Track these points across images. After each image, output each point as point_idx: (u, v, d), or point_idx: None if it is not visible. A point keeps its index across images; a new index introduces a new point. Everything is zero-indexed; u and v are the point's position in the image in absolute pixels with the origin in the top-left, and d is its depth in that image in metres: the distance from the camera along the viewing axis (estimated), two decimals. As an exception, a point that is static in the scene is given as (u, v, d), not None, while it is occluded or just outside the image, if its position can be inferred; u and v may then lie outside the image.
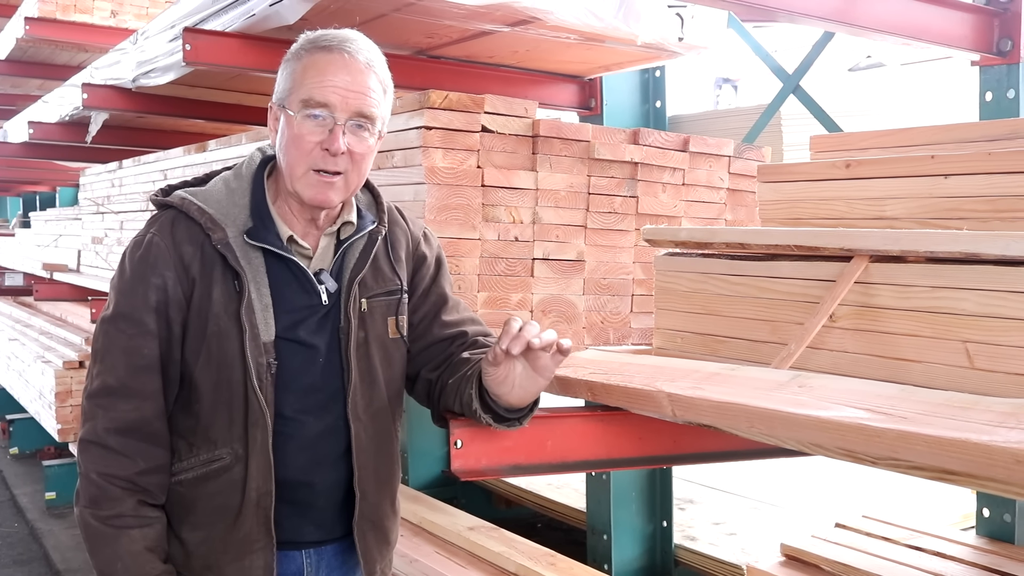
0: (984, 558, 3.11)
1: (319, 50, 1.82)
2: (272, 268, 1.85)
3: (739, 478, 5.39)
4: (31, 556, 6.49)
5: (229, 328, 1.80)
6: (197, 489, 1.85)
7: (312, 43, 1.84)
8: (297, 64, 1.84)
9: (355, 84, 1.80)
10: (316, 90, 1.79)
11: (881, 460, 1.55)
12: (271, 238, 1.85)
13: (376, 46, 1.88)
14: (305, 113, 1.79)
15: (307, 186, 1.82)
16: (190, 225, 1.83)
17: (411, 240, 2.04)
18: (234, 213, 1.85)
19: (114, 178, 5.79)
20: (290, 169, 1.83)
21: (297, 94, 1.81)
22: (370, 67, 1.84)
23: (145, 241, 1.84)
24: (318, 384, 1.89)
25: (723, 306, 2.39)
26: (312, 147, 1.80)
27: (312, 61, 1.82)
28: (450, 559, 3.66)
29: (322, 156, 1.80)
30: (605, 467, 3.26)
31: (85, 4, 6.94)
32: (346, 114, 1.80)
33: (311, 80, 1.80)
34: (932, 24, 3.08)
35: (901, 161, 2.38)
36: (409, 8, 3.17)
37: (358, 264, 1.92)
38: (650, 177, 3.08)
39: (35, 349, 7.77)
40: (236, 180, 1.92)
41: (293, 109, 1.81)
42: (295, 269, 1.87)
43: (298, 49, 1.86)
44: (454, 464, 2.07)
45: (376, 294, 1.94)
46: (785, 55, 5.81)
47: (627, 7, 3.24)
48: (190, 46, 3.41)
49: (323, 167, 1.81)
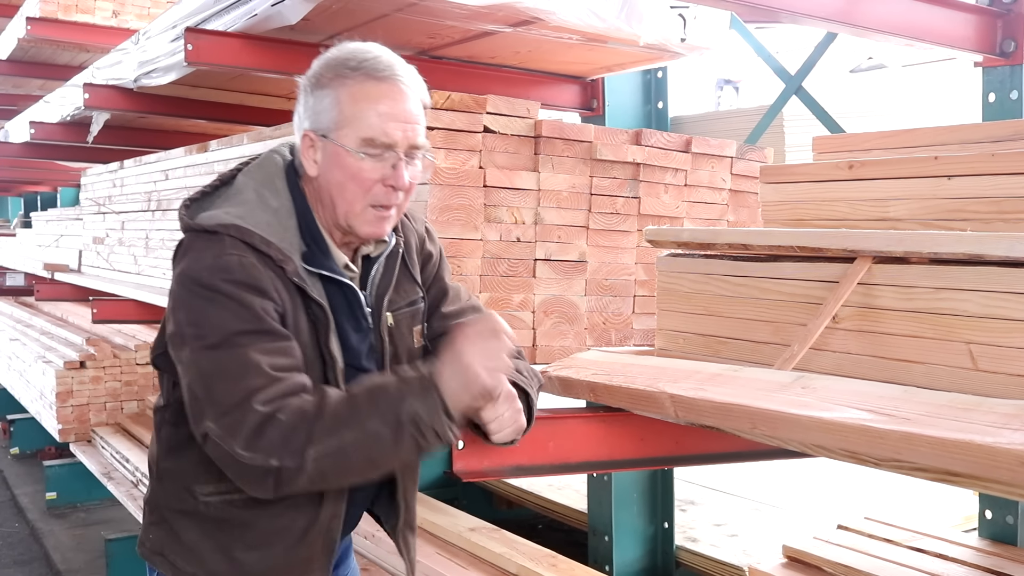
0: (986, 560, 3.11)
1: (369, 79, 1.74)
2: (329, 294, 1.80)
3: (741, 479, 5.39)
4: (32, 556, 6.49)
5: (313, 360, 1.75)
6: (258, 509, 1.80)
7: (357, 69, 1.75)
8: (343, 92, 1.74)
9: (411, 116, 1.75)
10: (378, 129, 1.72)
11: (884, 461, 1.55)
12: (331, 265, 1.80)
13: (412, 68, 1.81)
14: (368, 153, 1.73)
15: (364, 223, 1.77)
16: (258, 254, 1.72)
17: (418, 239, 2.02)
18: (288, 237, 1.77)
19: (115, 178, 5.78)
20: (347, 206, 1.76)
21: (354, 130, 1.73)
22: (416, 93, 1.78)
23: (235, 263, 1.69)
24: None
25: (725, 307, 2.39)
26: (372, 183, 1.74)
27: (363, 92, 1.74)
28: (451, 560, 3.66)
29: (384, 192, 1.75)
30: (607, 468, 3.26)
31: (87, 4, 6.93)
32: (405, 148, 1.75)
33: (367, 114, 1.73)
34: (935, 25, 3.08)
35: (904, 162, 2.38)
36: (411, 8, 3.16)
37: (384, 281, 1.89)
38: (652, 178, 3.08)
39: (36, 349, 7.77)
40: (274, 196, 1.80)
41: (350, 145, 1.73)
42: (348, 295, 1.83)
43: (336, 74, 1.76)
44: (456, 465, 2.07)
45: (400, 307, 1.92)
46: (787, 56, 5.81)
47: (629, 8, 3.24)
48: (192, 46, 3.41)
49: (383, 203, 1.76)
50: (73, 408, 6.98)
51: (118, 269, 5.62)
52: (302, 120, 1.80)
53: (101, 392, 7.05)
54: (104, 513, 7.12)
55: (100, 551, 5.90)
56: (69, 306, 9.11)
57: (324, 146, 1.76)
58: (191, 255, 1.74)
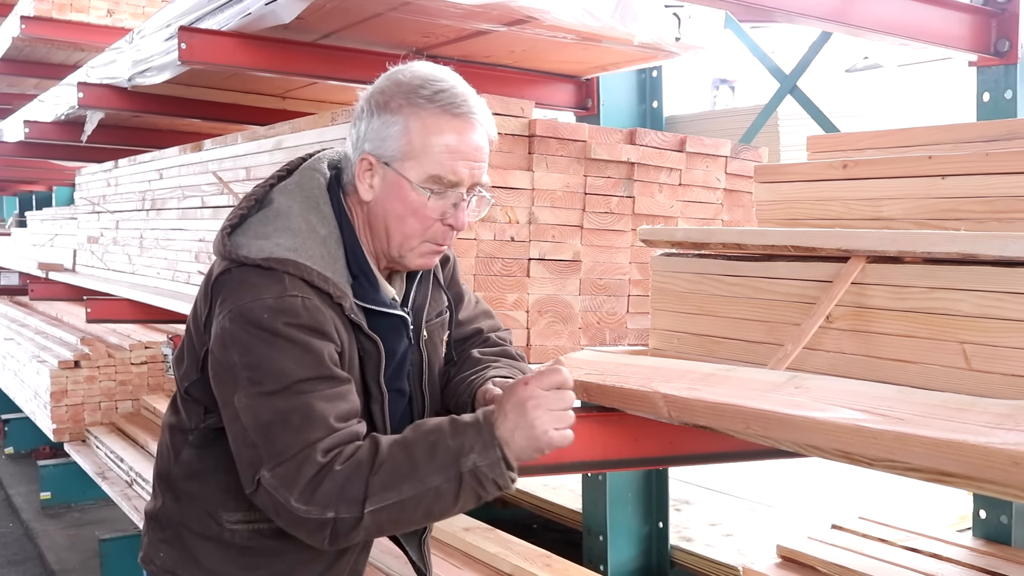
0: (980, 560, 3.11)
1: (444, 114, 1.68)
2: (376, 325, 1.75)
3: (735, 479, 5.39)
4: (26, 556, 6.48)
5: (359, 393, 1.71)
6: (286, 539, 1.75)
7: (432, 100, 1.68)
8: (414, 122, 1.68)
9: (480, 154, 1.71)
10: (448, 167, 1.67)
11: (878, 462, 1.54)
12: (383, 300, 1.77)
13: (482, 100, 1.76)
14: (433, 189, 1.68)
15: (417, 256, 1.75)
16: (317, 292, 1.66)
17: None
18: (339, 269, 1.71)
19: (110, 177, 5.77)
20: (403, 239, 1.72)
21: (422, 165, 1.67)
22: (486, 128, 1.73)
23: (299, 305, 1.63)
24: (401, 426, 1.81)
25: (719, 307, 2.39)
26: (433, 221, 1.70)
27: (436, 125, 1.67)
28: (446, 560, 3.65)
29: (443, 232, 1.72)
30: (601, 468, 3.26)
31: (81, 3, 6.92)
32: (468, 186, 1.71)
33: (438, 151, 1.67)
34: (930, 24, 3.08)
35: (898, 162, 2.38)
36: (405, 7, 3.16)
37: (420, 296, 1.86)
38: (647, 177, 3.08)
39: (31, 349, 7.76)
40: (321, 223, 1.73)
41: (416, 179, 1.68)
42: (396, 322, 1.78)
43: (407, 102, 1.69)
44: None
45: (431, 319, 1.90)
46: (782, 56, 5.81)
47: (624, 7, 3.23)
48: (186, 45, 3.40)
49: (440, 240, 1.73)
50: (67, 408, 6.96)
51: (113, 268, 5.61)
52: (362, 141, 1.73)
53: (95, 392, 7.03)
54: (98, 513, 7.12)
55: (94, 551, 5.90)
56: (64, 305, 9.09)
57: (385, 174, 1.70)
58: (245, 291, 1.64)
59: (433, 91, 1.68)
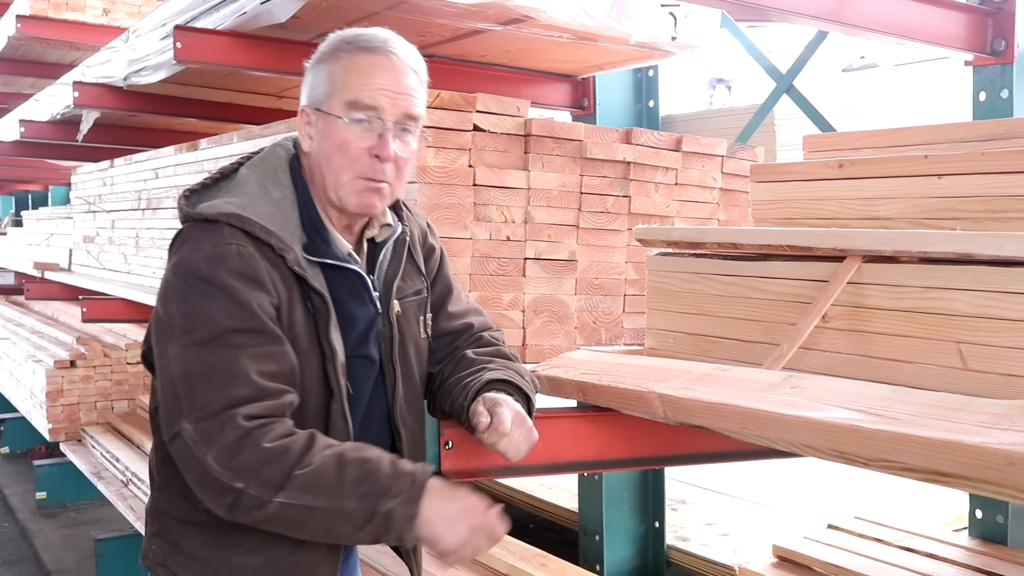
0: (977, 559, 3.11)
1: (360, 51, 1.74)
2: (331, 282, 1.77)
3: (731, 479, 5.39)
4: (21, 556, 6.47)
5: (309, 351, 1.73)
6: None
7: (351, 43, 1.76)
8: (336, 65, 1.75)
9: (402, 86, 1.74)
10: (364, 92, 1.72)
11: (873, 462, 1.54)
12: (334, 253, 1.78)
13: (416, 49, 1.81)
14: (352, 117, 1.72)
15: (352, 194, 1.75)
16: (258, 243, 1.69)
17: (420, 232, 2.01)
18: (290, 228, 1.74)
19: (105, 177, 5.76)
20: (334, 176, 1.75)
21: (341, 96, 1.73)
22: (412, 68, 1.77)
23: (233, 252, 1.66)
24: (372, 395, 1.85)
25: (715, 306, 2.39)
26: (360, 153, 1.73)
27: (354, 63, 1.74)
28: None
29: (370, 163, 1.73)
30: (596, 468, 3.26)
31: (77, 2, 6.90)
32: (393, 117, 1.73)
33: (356, 81, 1.72)
34: (926, 24, 3.08)
35: (894, 161, 2.38)
36: (401, 6, 3.15)
37: (392, 267, 1.87)
38: (643, 177, 3.07)
39: (26, 348, 7.74)
40: (276, 188, 1.78)
41: (337, 112, 1.73)
42: (354, 281, 1.80)
43: (333, 50, 1.77)
44: (444, 465, 2.06)
45: (407, 295, 1.91)
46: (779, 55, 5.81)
47: (620, 6, 3.23)
48: (181, 44, 3.39)
49: (371, 175, 1.74)
50: (63, 407, 6.95)
51: (108, 268, 5.59)
52: (301, 99, 1.81)
53: (91, 391, 7.02)
54: (94, 513, 7.10)
55: (90, 551, 5.88)
56: (59, 305, 9.07)
57: (317, 120, 1.76)
58: (189, 244, 1.70)
59: (354, 36, 1.77)
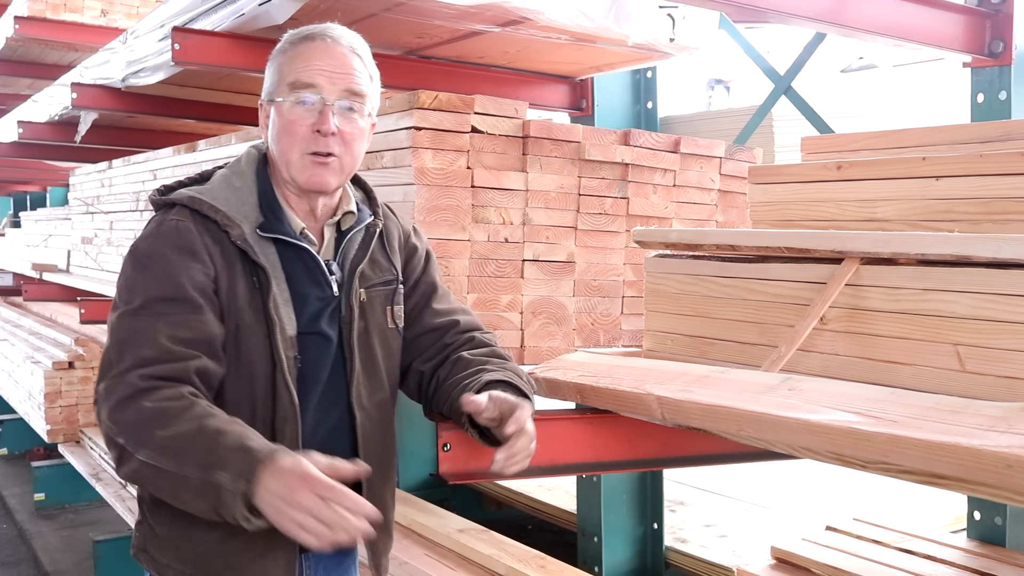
0: (975, 561, 3.11)
1: (302, 40, 1.88)
2: (285, 260, 1.87)
3: (730, 480, 5.38)
4: (19, 558, 6.47)
5: (254, 323, 1.81)
6: None
7: (294, 36, 1.90)
8: (283, 58, 1.89)
9: (340, 66, 1.85)
10: (303, 73, 1.83)
11: (871, 464, 1.54)
12: (285, 229, 1.87)
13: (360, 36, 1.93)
14: (294, 98, 1.83)
15: (302, 169, 1.85)
16: (204, 222, 1.82)
17: (402, 233, 2.09)
18: (244, 210, 1.86)
19: (104, 178, 5.77)
20: (285, 156, 1.86)
21: (284, 82, 1.85)
22: (353, 51, 1.89)
23: (171, 228, 1.80)
24: (330, 377, 1.91)
25: (713, 308, 2.39)
26: (304, 130, 1.83)
27: (295, 51, 1.87)
28: (439, 561, 3.65)
29: (314, 138, 1.83)
30: (594, 470, 3.25)
31: (75, 3, 6.90)
32: (334, 94, 1.84)
33: (297, 66, 1.85)
34: (923, 25, 3.07)
35: (892, 163, 2.38)
36: (399, 8, 3.15)
37: (358, 255, 1.95)
38: (641, 178, 3.07)
39: (24, 350, 7.74)
40: (239, 178, 1.92)
41: (282, 96, 1.85)
42: (308, 261, 1.89)
43: (282, 45, 1.91)
44: (442, 467, 2.06)
45: (374, 284, 1.97)
46: (778, 55, 5.81)
47: (618, 7, 3.23)
48: (179, 45, 3.39)
49: (316, 149, 1.83)
50: (61, 409, 6.95)
51: (106, 269, 5.60)
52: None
53: (89, 393, 7.00)
54: (92, 514, 7.10)
55: (88, 552, 5.89)
56: (58, 306, 9.07)
57: (270, 110, 1.90)
58: (144, 229, 1.86)
59: (298, 31, 1.91)
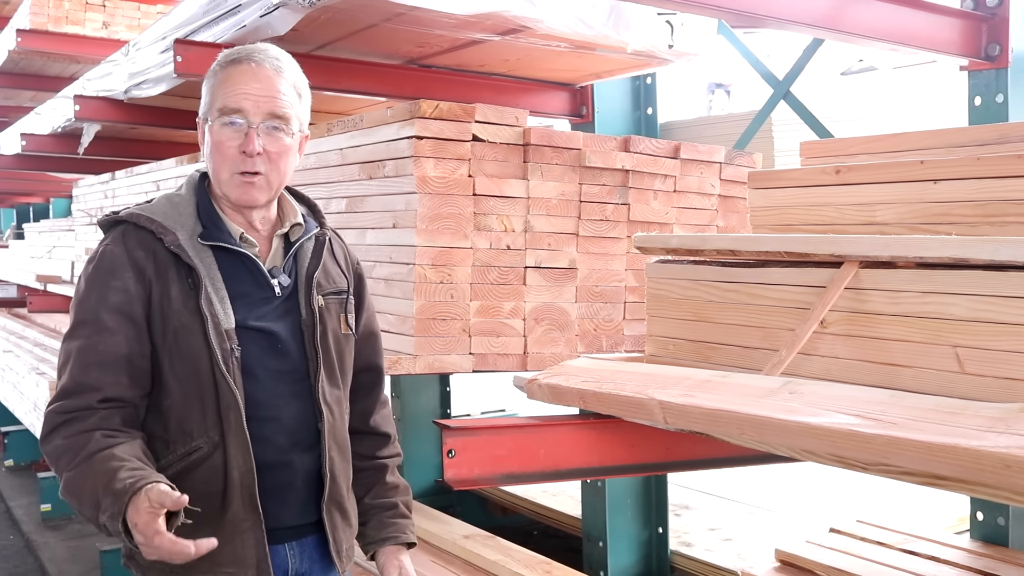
0: (978, 562, 3.12)
1: (229, 64, 1.95)
2: (224, 264, 1.95)
3: (734, 484, 5.39)
4: (27, 569, 6.47)
5: (191, 322, 1.90)
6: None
7: (224, 58, 1.98)
8: (213, 80, 1.97)
9: (264, 89, 1.93)
10: (230, 98, 1.92)
11: (871, 466, 1.56)
12: (224, 236, 1.97)
13: (287, 54, 2.01)
14: (222, 121, 1.92)
15: (232, 187, 1.95)
16: (140, 233, 1.93)
17: (349, 257, 2.19)
18: (182, 220, 1.96)
19: (107, 189, 5.79)
20: (216, 174, 1.96)
21: (214, 105, 1.94)
22: (279, 72, 1.97)
23: (99, 254, 1.94)
24: (285, 370, 1.98)
25: (714, 313, 2.40)
26: (232, 151, 1.93)
27: (224, 75, 1.95)
28: (446, 568, 3.66)
29: (241, 159, 1.92)
30: (598, 475, 3.27)
31: (77, 16, 6.93)
32: (259, 117, 1.92)
33: (224, 90, 1.93)
34: (920, 30, 3.09)
35: (891, 167, 2.39)
36: (399, 18, 3.17)
37: (312, 263, 2.05)
38: (641, 184, 3.09)
39: (29, 361, 7.74)
40: (177, 195, 2.03)
41: (212, 118, 1.94)
42: (248, 264, 1.98)
43: (214, 67, 1.99)
44: (447, 473, 2.08)
45: (328, 292, 2.07)
46: (777, 60, 5.82)
47: (617, 15, 3.25)
48: (181, 57, 3.41)
49: (244, 168, 1.93)
50: (67, 419, 6.93)
51: (110, 280, 5.60)
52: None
53: (95, 403, 7.00)
54: (99, 525, 7.09)
55: (95, 563, 5.89)
56: (62, 317, 9.07)
57: (204, 131, 1.98)
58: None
59: (228, 52, 1.98)
